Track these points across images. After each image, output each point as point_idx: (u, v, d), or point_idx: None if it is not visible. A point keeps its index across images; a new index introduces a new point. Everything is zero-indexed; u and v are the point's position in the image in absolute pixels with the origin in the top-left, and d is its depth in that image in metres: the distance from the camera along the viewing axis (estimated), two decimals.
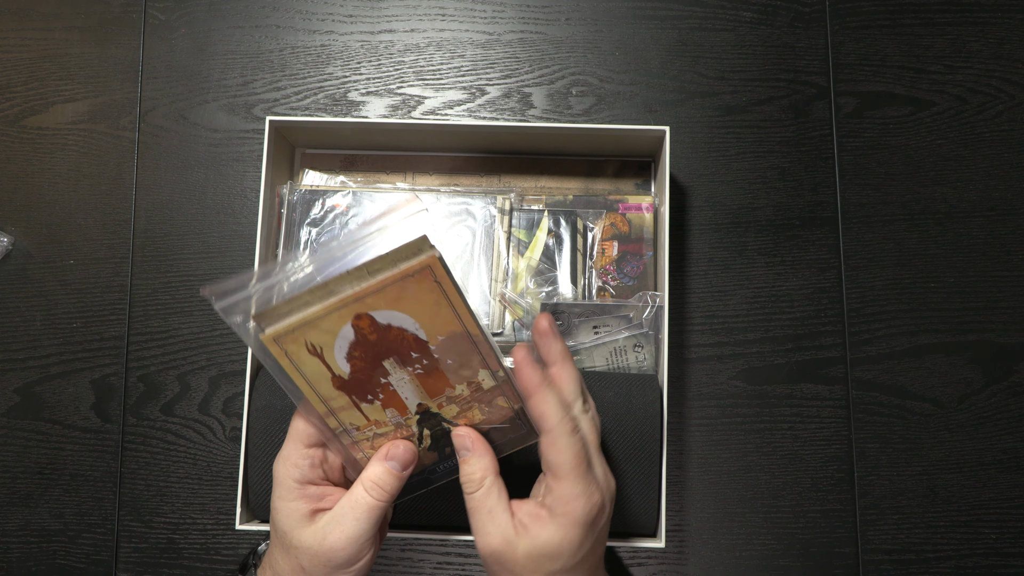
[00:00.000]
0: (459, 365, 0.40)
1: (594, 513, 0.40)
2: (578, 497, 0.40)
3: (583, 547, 0.40)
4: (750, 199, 0.63)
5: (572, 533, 0.40)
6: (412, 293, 0.37)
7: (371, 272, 0.36)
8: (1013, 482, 0.59)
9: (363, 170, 0.62)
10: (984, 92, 0.63)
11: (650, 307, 0.55)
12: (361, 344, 0.38)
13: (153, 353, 0.62)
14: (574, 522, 0.40)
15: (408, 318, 0.38)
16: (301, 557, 0.42)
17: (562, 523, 0.40)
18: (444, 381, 0.40)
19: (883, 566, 0.58)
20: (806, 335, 0.61)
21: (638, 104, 0.64)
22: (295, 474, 0.43)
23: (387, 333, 0.38)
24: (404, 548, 0.59)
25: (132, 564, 0.60)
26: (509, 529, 0.40)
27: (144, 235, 0.63)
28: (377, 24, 0.65)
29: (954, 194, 0.62)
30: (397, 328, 0.38)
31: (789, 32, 0.64)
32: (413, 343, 0.39)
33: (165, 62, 0.65)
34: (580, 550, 0.40)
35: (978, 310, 0.61)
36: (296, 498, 0.43)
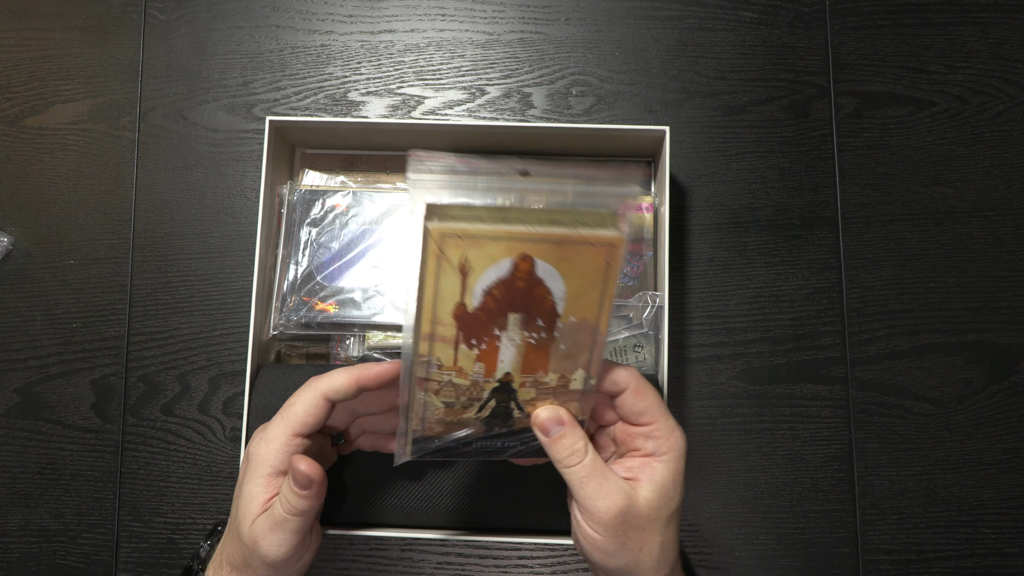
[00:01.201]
0: (567, 355, 0.40)
1: (686, 444, 0.42)
2: (674, 430, 0.42)
3: (682, 484, 0.42)
4: (750, 199, 0.63)
5: (678, 466, 0.41)
6: (580, 261, 0.36)
7: (556, 221, 0.35)
8: (1013, 482, 0.59)
9: (363, 170, 0.62)
10: (984, 92, 0.63)
11: (650, 307, 0.55)
12: (507, 285, 0.37)
13: (153, 353, 0.62)
14: (678, 455, 0.41)
15: (560, 284, 0.37)
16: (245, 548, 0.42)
17: (668, 459, 0.41)
18: (545, 362, 0.40)
19: (883, 566, 0.58)
20: (806, 335, 0.61)
21: (638, 104, 0.64)
22: (274, 461, 0.42)
23: (535, 287, 0.37)
24: (404, 548, 0.59)
25: (132, 564, 0.60)
26: (626, 484, 0.41)
27: (144, 235, 0.63)
28: (377, 24, 0.65)
29: (954, 194, 0.62)
30: (545, 287, 0.37)
31: (789, 32, 0.64)
32: (547, 310, 0.38)
33: (165, 62, 0.65)
34: (681, 487, 0.42)
35: (978, 310, 0.61)
36: (261, 485, 0.42)
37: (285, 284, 0.57)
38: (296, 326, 0.57)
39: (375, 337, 0.57)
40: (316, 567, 0.59)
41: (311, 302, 0.56)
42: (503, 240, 0.36)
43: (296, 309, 0.56)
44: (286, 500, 0.41)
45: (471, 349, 0.39)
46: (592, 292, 0.37)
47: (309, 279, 0.57)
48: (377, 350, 0.57)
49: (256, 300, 0.54)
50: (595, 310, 0.38)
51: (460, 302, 0.37)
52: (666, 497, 0.41)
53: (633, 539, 0.41)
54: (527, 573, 0.59)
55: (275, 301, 0.57)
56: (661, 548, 0.41)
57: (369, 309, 0.56)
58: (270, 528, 0.41)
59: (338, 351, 0.58)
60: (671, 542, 0.42)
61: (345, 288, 0.57)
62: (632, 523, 0.41)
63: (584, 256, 0.36)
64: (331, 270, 0.57)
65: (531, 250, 0.36)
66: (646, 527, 0.41)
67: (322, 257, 0.57)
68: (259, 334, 0.55)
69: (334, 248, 0.58)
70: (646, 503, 0.41)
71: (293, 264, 0.57)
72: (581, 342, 0.39)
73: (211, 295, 0.62)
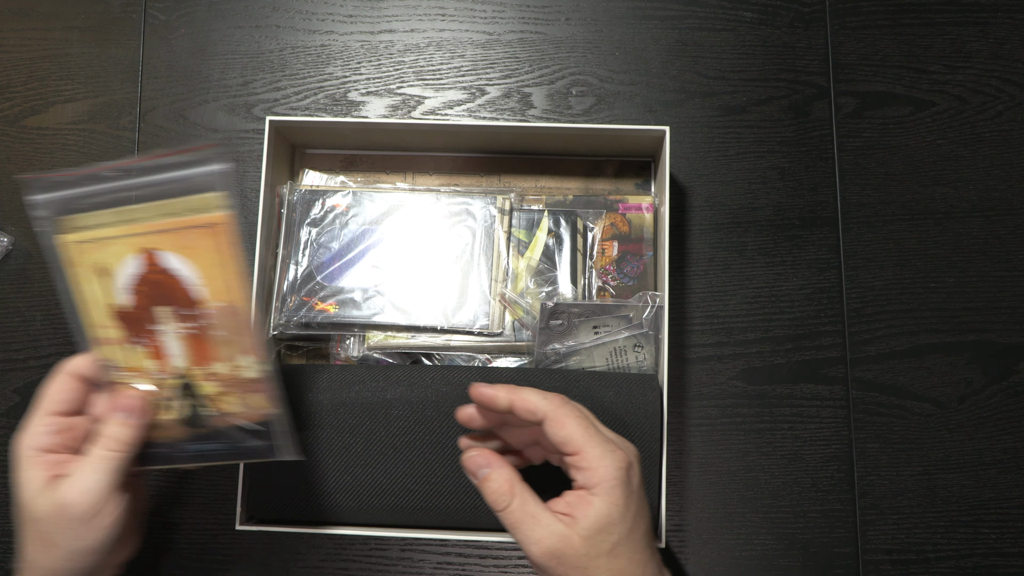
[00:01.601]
0: (228, 341, 0.42)
1: (624, 468, 0.41)
2: (603, 457, 0.41)
3: (629, 509, 0.41)
4: (750, 199, 0.63)
5: (614, 496, 0.40)
6: (200, 246, 0.40)
7: (171, 213, 0.39)
8: (1013, 482, 0.59)
9: (363, 170, 0.62)
10: (984, 92, 0.63)
11: (650, 307, 0.55)
12: (146, 280, 0.41)
13: None
14: (612, 484, 0.40)
15: (190, 269, 0.40)
16: (45, 526, 0.42)
17: (601, 490, 0.40)
18: (211, 352, 0.42)
19: (883, 566, 0.58)
20: (806, 335, 0.61)
21: (638, 104, 0.64)
22: (32, 442, 0.43)
23: (169, 278, 0.41)
24: (404, 548, 0.59)
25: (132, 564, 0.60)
26: (558, 524, 0.40)
27: None
28: (377, 24, 0.65)
29: (954, 194, 0.62)
30: (177, 277, 0.40)
31: (789, 32, 0.64)
32: (187, 298, 0.41)
33: (165, 62, 0.65)
34: (627, 512, 0.41)
35: (978, 310, 0.61)
36: (34, 466, 0.43)
37: (285, 284, 0.57)
38: (296, 326, 0.57)
39: (375, 337, 0.57)
40: (316, 567, 0.59)
41: (311, 302, 0.56)
42: (126, 239, 0.40)
43: (296, 309, 0.56)
44: (110, 437, 0.42)
45: (136, 347, 0.42)
46: (221, 274, 0.40)
47: (309, 279, 0.57)
48: (377, 350, 0.57)
49: (256, 300, 0.54)
50: (231, 292, 0.41)
51: (111, 303, 0.41)
52: (605, 531, 0.40)
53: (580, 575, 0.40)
54: (527, 573, 0.59)
55: (275, 301, 0.57)
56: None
57: (369, 309, 0.56)
58: (84, 473, 0.42)
59: (338, 351, 0.58)
60: (625, 569, 0.41)
61: (345, 288, 0.57)
62: (569, 562, 0.40)
63: (201, 241, 0.40)
64: (331, 270, 0.57)
65: (153, 243, 0.40)
66: (587, 564, 0.40)
67: (322, 257, 0.57)
68: None
69: (334, 248, 0.58)
70: (582, 540, 0.40)
71: (293, 264, 0.57)
72: (234, 326, 0.42)
73: None
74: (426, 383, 0.53)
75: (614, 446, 0.42)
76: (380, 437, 0.52)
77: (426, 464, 0.52)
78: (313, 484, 0.52)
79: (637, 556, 0.41)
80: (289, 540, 0.59)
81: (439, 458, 0.52)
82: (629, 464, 0.42)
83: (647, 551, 0.42)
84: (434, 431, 0.52)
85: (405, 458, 0.52)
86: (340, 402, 0.53)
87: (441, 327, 0.56)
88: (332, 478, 0.52)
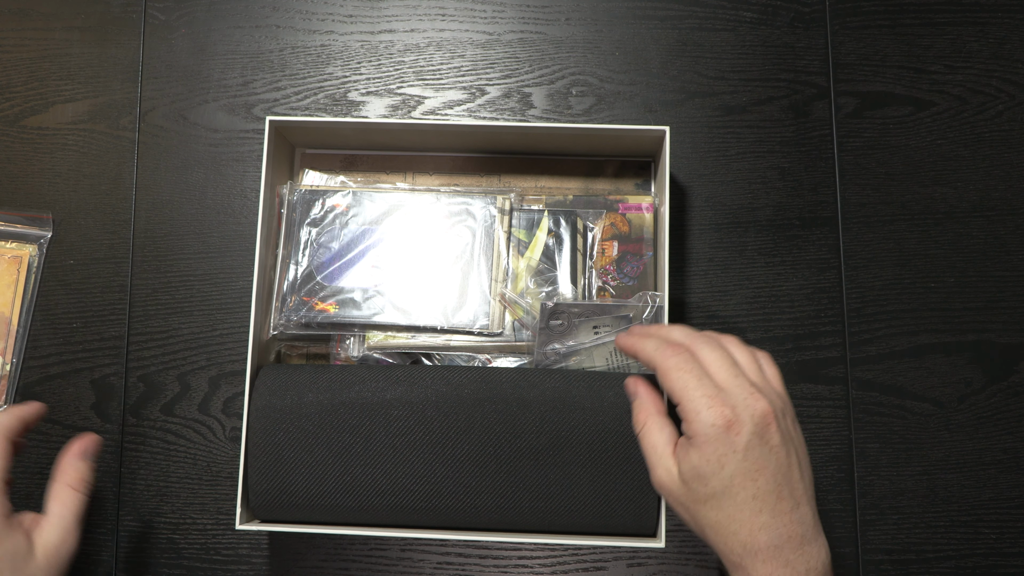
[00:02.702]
0: None
1: (720, 425, 0.41)
2: (698, 412, 0.42)
3: (723, 467, 0.41)
4: (750, 199, 0.63)
5: (706, 451, 0.41)
6: None
7: None
8: (1013, 482, 0.59)
9: (363, 170, 0.62)
10: (984, 92, 0.63)
11: (650, 307, 0.55)
12: None
13: (153, 353, 0.62)
14: (704, 439, 0.41)
15: None
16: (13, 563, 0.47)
17: (696, 443, 0.42)
18: None
19: (883, 566, 0.58)
20: (806, 335, 0.61)
21: (638, 104, 0.64)
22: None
23: None
24: (404, 548, 0.59)
25: (132, 564, 0.60)
26: (669, 460, 0.44)
27: (144, 235, 0.63)
28: (377, 24, 0.65)
29: (954, 194, 0.62)
30: None
31: (789, 32, 0.64)
32: None
33: (165, 62, 0.65)
34: (722, 470, 0.41)
35: (978, 310, 0.61)
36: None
37: (285, 284, 0.57)
38: (296, 326, 0.57)
39: (375, 337, 0.57)
40: (316, 567, 0.59)
41: (311, 302, 0.56)
42: None
43: (296, 309, 0.56)
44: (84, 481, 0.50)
45: None
46: None
47: (309, 279, 0.57)
48: (377, 350, 0.57)
49: (256, 300, 0.54)
50: None
51: None
52: (698, 480, 0.42)
53: (687, 514, 0.44)
54: (527, 573, 0.59)
55: (275, 301, 0.57)
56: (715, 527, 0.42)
57: (369, 309, 0.56)
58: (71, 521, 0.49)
59: (338, 351, 0.58)
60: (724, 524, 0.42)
61: (345, 288, 0.57)
62: (674, 497, 0.44)
63: None
64: (331, 270, 0.57)
65: None
66: (688, 505, 0.43)
67: (322, 257, 0.57)
68: (259, 334, 0.55)
69: (334, 248, 0.58)
70: (680, 484, 0.43)
71: (293, 264, 0.57)
72: None
73: (211, 295, 0.62)
74: (426, 383, 0.53)
75: (718, 400, 0.42)
76: (380, 437, 0.52)
77: (426, 464, 0.52)
78: (313, 484, 0.52)
79: (740, 515, 0.41)
80: (289, 540, 0.59)
81: (439, 458, 0.52)
82: (729, 422, 0.41)
83: (759, 516, 0.41)
84: (434, 431, 0.52)
85: (405, 458, 0.52)
86: (340, 402, 0.53)
87: (441, 327, 0.56)
88: (332, 478, 0.52)
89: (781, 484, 0.42)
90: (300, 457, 0.52)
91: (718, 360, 0.44)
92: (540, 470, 0.52)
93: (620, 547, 0.59)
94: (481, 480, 0.52)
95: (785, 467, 0.42)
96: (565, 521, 0.53)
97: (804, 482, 0.43)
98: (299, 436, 0.52)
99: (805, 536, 0.42)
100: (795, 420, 0.45)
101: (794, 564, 0.41)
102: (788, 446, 0.43)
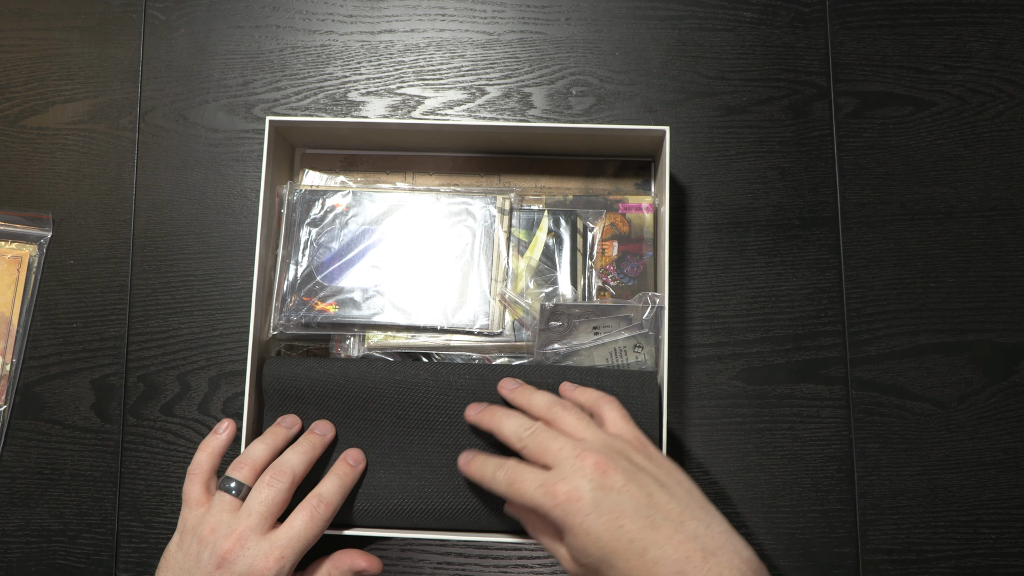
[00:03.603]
0: None
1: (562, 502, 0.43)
2: (543, 504, 0.44)
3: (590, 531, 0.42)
4: (750, 199, 0.63)
5: (570, 527, 0.43)
6: None
7: None
8: (1013, 482, 0.59)
9: (363, 170, 0.62)
10: (984, 92, 0.63)
11: (650, 307, 0.55)
12: None
13: (153, 353, 0.62)
14: (562, 520, 0.43)
15: None
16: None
17: (562, 527, 0.44)
18: None
19: (883, 566, 0.58)
20: (806, 335, 0.61)
21: (638, 104, 0.64)
22: None
23: None
24: (404, 548, 0.59)
25: (132, 564, 0.60)
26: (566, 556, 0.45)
27: (144, 235, 0.63)
28: (377, 24, 0.65)
29: (954, 194, 0.62)
30: None
31: (789, 32, 0.64)
32: None
33: (165, 62, 0.65)
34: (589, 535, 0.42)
35: (978, 310, 0.61)
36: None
37: (285, 284, 0.57)
38: (296, 326, 0.57)
39: (375, 337, 0.57)
40: None
41: (311, 302, 0.56)
42: None
43: (296, 309, 0.56)
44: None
45: None
46: None
47: (309, 279, 0.57)
48: (377, 350, 0.57)
49: (256, 300, 0.54)
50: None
51: None
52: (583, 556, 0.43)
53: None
54: (527, 573, 0.59)
55: (275, 301, 0.57)
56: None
57: (369, 309, 0.56)
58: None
59: (338, 351, 0.58)
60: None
61: (345, 288, 0.57)
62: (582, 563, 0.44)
63: None
64: (331, 270, 0.57)
65: None
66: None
67: (322, 257, 0.57)
68: (259, 334, 0.55)
69: (334, 248, 0.58)
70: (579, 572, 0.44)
71: (293, 264, 0.57)
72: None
73: (211, 295, 0.62)
74: (426, 383, 0.53)
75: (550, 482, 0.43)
76: (381, 437, 0.52)
77: (426, 464, 0.52)
78: (313, 484, 0.52)
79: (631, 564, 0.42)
80: None
81: (439, 458, 0.52)
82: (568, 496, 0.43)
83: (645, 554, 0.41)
84: (434, 431, 0.52)
85: (405, 458, 0.52)
86: (340, 403, 0.53)
87: (441, 327, 0.56)
88: None
89: (648, 515, 0.42)
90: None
91: (549, 445, 0.45)
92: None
93: None
94: None
95: (644, 498, 0.42)
96: None
97: (677, 501, 0.43)
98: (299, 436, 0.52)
99: (706, 549, 0.41)
100: (645, 448, 0.46)
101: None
102: (638, 478, 0.43)
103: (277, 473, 0.48)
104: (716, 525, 0.43)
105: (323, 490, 0.49)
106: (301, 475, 0.49)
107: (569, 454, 0.43)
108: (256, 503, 0.47)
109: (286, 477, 0.48)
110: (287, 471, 0.48)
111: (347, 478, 0.50)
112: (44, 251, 0.62)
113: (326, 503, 0.48)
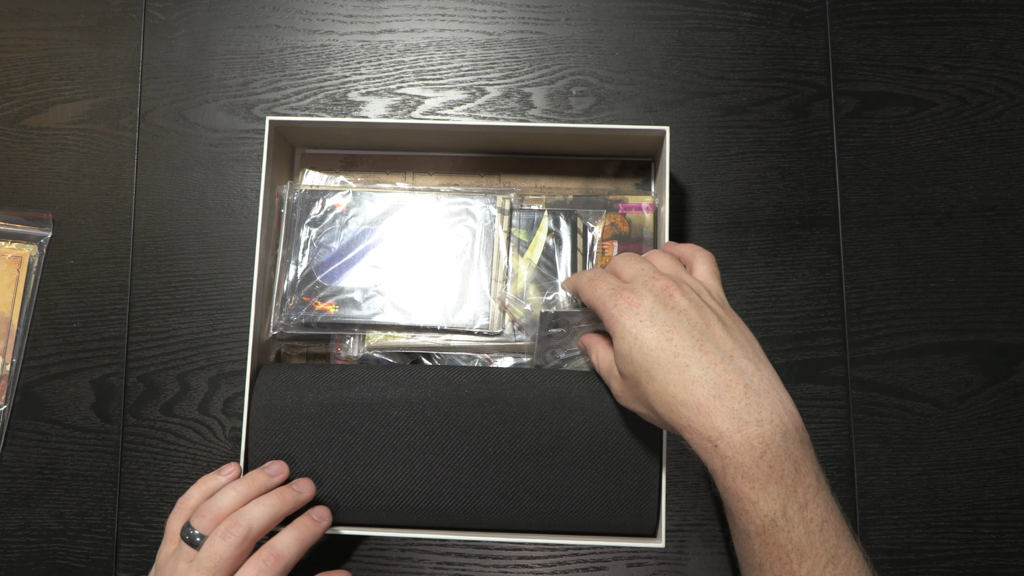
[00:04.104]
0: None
1: (622, 305, 0.44)
2: (607, 306, 0.45)
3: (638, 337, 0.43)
4: (750, 199, 0.63)
5: (620, 331, 0.44)
6: None
7: None
8: (1013, 482, 0.59)
9: (363, 170, 0.62)
10: (984, 92, 0.63)
11: None
12: None
13: (153, 353, 0.62)
14: (615, 324, 0.44)
15: None
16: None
17: (614, 333, 0.45)
18: None
19: (883, 566, 0.58)
20: (806, 335, 0.61)
21: (638, 104, 0.64)
22: None
23: None
24: (404, 548, 0.59)
25: (132, 564, 0.60)
26: (613, 368, 0.47)
27: (144, 235, 0.63)
28: (377, 24, 0.65)
29: (954, 194, 0.62)
30: None
31: (789, 32, 0.64)
32: None
33: (165, 62, 0.65)
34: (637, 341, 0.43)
35: (978, 310, 0.61)
36: None
37: (285, 284, 0.57)
38: (296, 326, 0.57)
39: (375, 337, 0.57)
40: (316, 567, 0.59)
41: (311, 302, 0.56)
42: None
43: (296, 309, 0.56)
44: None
45: None
46: None
47: (309, 279, 0.57)
48: (377, 350, 0.57)
49: (256, 300, 0.54)
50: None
51: None
52: (626, 364, 0.44)
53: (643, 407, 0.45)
54: (527, 573, 0.59)
55: (275, 301, 0.57)
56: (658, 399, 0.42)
57: (369, 309, 0.56)
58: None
59: (338, 351, 0.58)
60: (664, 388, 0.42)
61: (345, 288, 0.57)
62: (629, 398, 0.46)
63: None
64: (331, 270, 0.57)
65: None
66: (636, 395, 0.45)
67: (322, 257, 0.57)
68: (259, 334, 0.55)
69: (334, 248, 0.58)
70: (622, 383, 0.46)
71: (293, 264, 0.57)
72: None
73: (211, 295, 0.62)
74: (426, 383, 0.53)
75: (620, 289, 0.45)
76: (380, 437, 0.52)
77: (426, 464, 0.52)
78: None
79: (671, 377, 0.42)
80: None
81: (439, 458, 0.52)
82: (629, 301, 0.44)
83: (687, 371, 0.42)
84: (434, 431, 0.52)
85: (405, 458, 0.52)
86: (340, 402, 0.53)
87: (441, 327, 0.56)
88: (332, 478, 0.52)
89: (699, 338, 0.42)
90: (300, 457, 0.52)
91: (631, 266, 0.47)
92: (540, 470, 0.52)
93: (620, 547, 0.59)
94: (481, 480, 0.52)
95: (700, 324, 0.43)
96: (565, 521, 0.53)
97: (734, 340, 0.43)
98: (299, 436, 0.52)
99: (749, 386, 0.41)
100: (722, 299, 0.46)
101: (740, 414, 0.40)
102: (702, 310, 0.43)
103: (231, 526, 0.46)
104: (767, 373, 0.42)
105: (278, 544, 0.47)
106: (259, 530, 0.47)
107: (646, 273, 0.45)
108: (205, 557, 0.46)
109: (240, 531, 0.46)
110: (243, 525, 0.47)
111: (307, 532, 0.49)
112: (44, 251, 0.62)
113: (277, 556, 0.47)
